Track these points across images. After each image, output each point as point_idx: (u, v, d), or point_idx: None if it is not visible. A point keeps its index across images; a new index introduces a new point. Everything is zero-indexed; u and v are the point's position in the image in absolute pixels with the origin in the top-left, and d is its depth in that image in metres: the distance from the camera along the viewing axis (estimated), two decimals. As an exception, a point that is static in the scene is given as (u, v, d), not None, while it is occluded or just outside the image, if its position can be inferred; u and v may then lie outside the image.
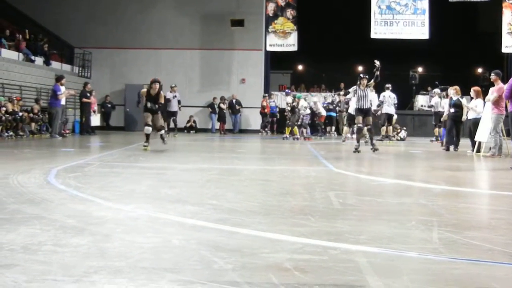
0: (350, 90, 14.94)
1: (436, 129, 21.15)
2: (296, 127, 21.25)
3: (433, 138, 21.35)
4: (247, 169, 9.85)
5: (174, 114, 22.71)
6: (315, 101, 24.33)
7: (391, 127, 21.27)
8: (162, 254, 3.64)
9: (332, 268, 3.36)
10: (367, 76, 14.60)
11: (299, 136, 21.12)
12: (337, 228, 4.54)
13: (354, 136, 18.13)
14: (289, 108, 21.32)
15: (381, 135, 20.79)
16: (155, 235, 4.17)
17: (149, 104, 13.28)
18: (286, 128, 21.82)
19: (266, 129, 26.03)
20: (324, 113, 24.13)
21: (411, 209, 5.80)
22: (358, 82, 14.44)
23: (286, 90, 21.39)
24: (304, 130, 21.68)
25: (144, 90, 13.65)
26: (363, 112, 14.59)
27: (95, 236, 4.11)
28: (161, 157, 12.23)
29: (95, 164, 9.70)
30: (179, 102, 22.58)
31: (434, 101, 21.12)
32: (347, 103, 19.85)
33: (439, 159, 13.50)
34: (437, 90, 21.72)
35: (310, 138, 21.88)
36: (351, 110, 18.59)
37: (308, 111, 22.04)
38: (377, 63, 14.27)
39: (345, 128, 19.86)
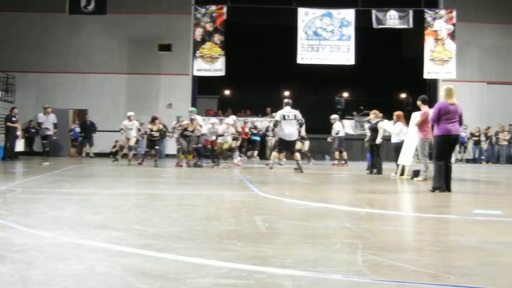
0: None
1: (337, 153, 21.91)
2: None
3: (336, 161, 21.94)
4: (173, 194, 9.79)
5: (45, 138, 20.47)
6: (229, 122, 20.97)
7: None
8: (86, 281, 3.57)
9: (258, 292, 3.36)
10: None
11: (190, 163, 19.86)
12: (263, 252, 4.55)
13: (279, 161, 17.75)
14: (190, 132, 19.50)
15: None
16: (79, 262, 4.09)
17: None
18: (188, 155, 20.13)
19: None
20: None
21: (336, 232, 5.87)
22: None
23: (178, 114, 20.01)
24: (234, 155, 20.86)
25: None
26: None
27: (16, 264, 4.00)
28: (86, 182, 12.04)
29: (17, 191, 9.46)
30: (55, 125, 20.85)
31: (338, 127, 21.63)
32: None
33: (363, 182, 13.74)
34: (335, 116, 22.29)
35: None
36: (283, 135, 17.60)
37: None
38: None
39: (274, 154, 18.66)
